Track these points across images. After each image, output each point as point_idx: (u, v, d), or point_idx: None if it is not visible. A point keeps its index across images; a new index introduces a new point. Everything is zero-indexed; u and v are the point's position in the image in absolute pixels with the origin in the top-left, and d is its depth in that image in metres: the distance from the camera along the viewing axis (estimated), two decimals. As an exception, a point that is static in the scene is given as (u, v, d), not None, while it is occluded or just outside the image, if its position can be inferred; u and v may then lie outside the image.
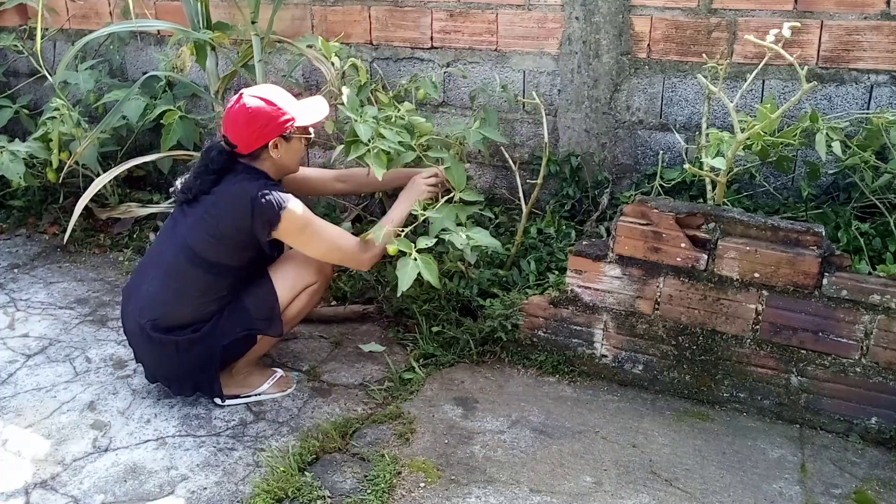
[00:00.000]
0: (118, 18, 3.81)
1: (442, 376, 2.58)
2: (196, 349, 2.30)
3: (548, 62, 2.98)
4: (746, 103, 2.70)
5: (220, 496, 2.05)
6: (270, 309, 2.35)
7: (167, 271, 2.30)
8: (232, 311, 2.32)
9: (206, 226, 2.26)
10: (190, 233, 2.28)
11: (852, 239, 2.41)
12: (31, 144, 3.40)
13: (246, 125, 2.23)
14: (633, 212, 2.38)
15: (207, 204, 2.27)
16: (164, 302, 2.29)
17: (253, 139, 2.25)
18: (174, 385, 2.41)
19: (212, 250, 2.26)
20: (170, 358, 2.31)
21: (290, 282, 2.39)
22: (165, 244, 2.36)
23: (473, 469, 2.11)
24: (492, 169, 3.21)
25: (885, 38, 2.49)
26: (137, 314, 2.31)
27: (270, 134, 2.25)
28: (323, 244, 2.34)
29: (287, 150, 2.32)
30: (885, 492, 2.04)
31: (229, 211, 2.24)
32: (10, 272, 3.44)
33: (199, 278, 2.28)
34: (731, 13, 2.65)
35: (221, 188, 2.28)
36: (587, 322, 2.52)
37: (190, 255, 2.27)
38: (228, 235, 2.25)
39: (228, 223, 2.24)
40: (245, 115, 2.22)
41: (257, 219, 2.22)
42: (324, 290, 2.54)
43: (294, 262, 2.43)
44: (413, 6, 3.14)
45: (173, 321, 2.28)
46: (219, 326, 2.31)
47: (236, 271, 2.32)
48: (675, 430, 2.29)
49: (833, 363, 2.24)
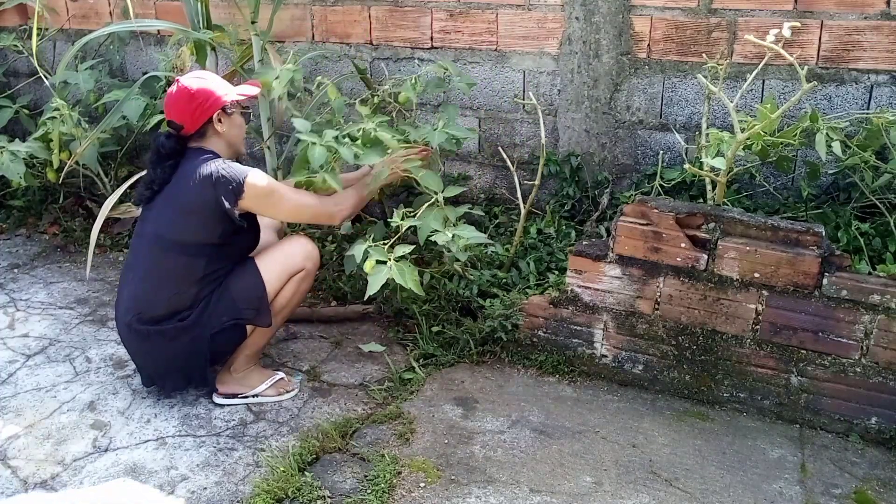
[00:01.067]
0: (118, 18, 3.82)
1: (442, 376, 2.58)
2: (183, 338, 2.29)
3: (548, 62, 2.98)
4: (746, 103, 2.70)
5: (220, 496, 2.05)
6: (258, 298, 2.34)
7: (144, 268, 2.33)
8: (218, 299, 2.32)
9: (171, 209, 2.30)
10: (157, 222, 2.32)
11: (852, 239, 2.41)
12: (31, 144, 3.40)
13: (188, 103, 2.32)
14: (633, 212, 2.39)
15: (169, 192, 2.32)
16: (144, 294, 2.31)
17: (197, 115, 2.33)
18: (167, 380, 2.41)
19: (180, 230, 2.28)
20: (158, 350, 2.32)
21: (277, 270, 2.38)
22: (138, 246, 2.39)
23: (473, 469, 2.11)
24: (492, 169, 3.21)
25: (885, 38, 2.49)
26: (123, 315, 2.34)
27: (213, 107, 2.34)
28: (291, 203, 2.40)
29: (230, 124, 2.40)
30: (885, 492, 2.04)
31: (192, 190, 2.26)
32: (10, 272, 3.44)
33: (172, 261, 2.29)
34: (731, 13, 2.65)
35: (179, 173, 2.32)
36: (587, 322, 2.52)
37: (160, 243, 2.30)
38: (195, 212, 2.27)
39: (193, 199, 2.26)
40: (187, 95, 2.32)
41: (221, 192, 2.25)
42: (312, 277, 2.50)
43: (280, 249, 2.44)
44: (413, 6, 3.14)
45: (157, 311, 2.29)
46: (205, 315, 2.30)
47: (210, 249, 2.30)
48: (675, 430, 2.29)
49: (833, 363, 2.24)
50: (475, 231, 2.44)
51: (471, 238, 2.42)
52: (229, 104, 2.38)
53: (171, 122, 2.35)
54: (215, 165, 2.28)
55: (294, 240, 2.50)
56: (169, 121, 2.36)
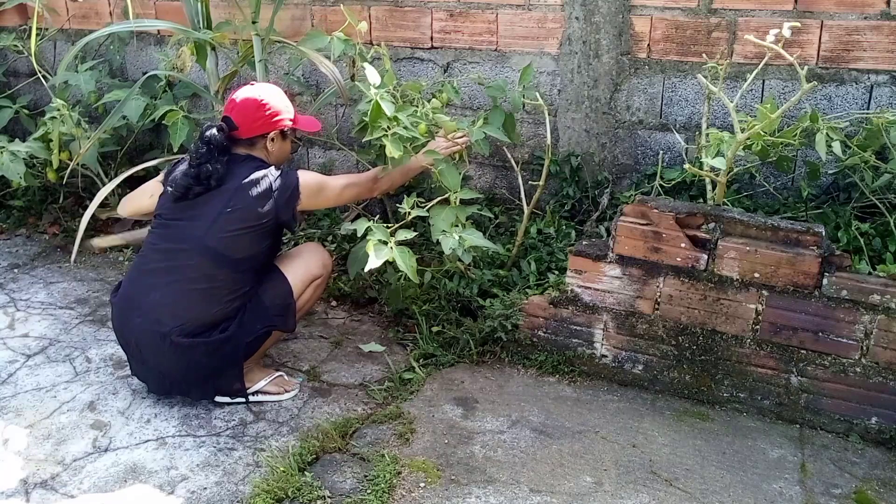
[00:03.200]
0: (118, 18, 3.82)
1: (442, 376, 2.58)
2: (225, 349, 2.30)
3: (548, 62, 2.98)
4: (746, 103, 2.70)
5: (220, 496, 2.05)
6: (287, 304, 2.40)
7: (190, 280, 2.27)
8: (252, 308, 2.34)
9: (228, 223, 2.27)
10: (209, 235, 2.27)
11: (852, 239, 2.41)
12: (31, 144, 3.40)
13: (255, 110, 2.35)
14: (633, 212, 2.39)
15: (221, 201, 2.28)
16: (189, 307, 2.26)
17: (258, 125, 2.36)
18: (196, 390, 2.38)
19: (236, 246, 2.28)
20: (198, 362, 2.28)
21: (301, 276, 2.45)
22: (176, 255, 2.30)
23: (473, 469, 2.11)
24: (492, 169, 3.21)
25: (885, 38, 2.49)
26: (156, 325, 2.25)
27: (274, 125, 2.39)
28: (337, 191, 2.48)
29: (280, 147, 2.46)
30: (885, 492, 2.04)
31: (251, 201, 2.28)
32: (10, 272, 3.44)
33: (226, 278, 2.29)
34: (731, 13, 2.65)
35: (232, 182, 2.30)
36: (587, 322, 2.52)
37: (214, 257, 2.26)
38: (254, 226, 2.29)
39: (253, 210, 2.28)
40: (257, 102, 2.36)
41: (280, 203, 2.31)
42: (325, 285, 2.60)
43: (301, 257, 2.50)
44: (413, 6, 3.14)
45: (202, 324, 2.27)
46: (243, 324, 2.32)
47: (255, 262, 2.35)
48: (675, 430, 2.29)
49: (833, 363, 2.24)
50: (483, 238, 2.46)
51: (479, 244, 2.43)
52: (289, 130, 2.46)
53: (227, 118, 2.35)
54: (270, 177, 2.32)
55: (311, 248, 2.57)
56: (225, 116, 2.36)
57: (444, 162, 2.53)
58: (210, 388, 2.39)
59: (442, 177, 2.51)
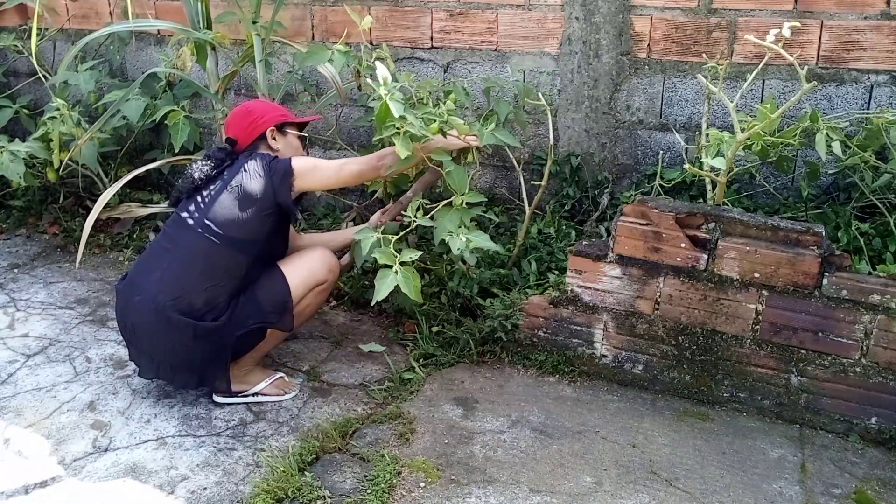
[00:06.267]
0: (118, 18, 3.82)
1: (442, 376, 2.58)
2: (212, 339, 2.30)
3: (548, 62, 2.98)
4: (746, 103, 2.70)
5: (220, 496, 2.05)
6: (283, 302, 2.38)
7: (189, 255, 2.32)
8: (246, 302, 2.35)
9: (228, 199, 2.33)
10: (209, 213, 2.33)
11: (852, 239, 2.42)
12: (31, 144, 3.40)
13: (244, 117, 2.48)
14: (633, 212, 2.39)
15: (222, 183, 2.37)
16: (182, 278, 2.29)
17: (250, 130, 2.46)
18: (179, 376, 2.38)
19: (234, 223, 2.31)
20: (183, 343, 2.29)
21: (303, 278, 2.43)
22: (178, 235, 2.37)
23: (473, 469, 2.11)
24: (492, 169, 3.21)
25: (885, 38, 2.49)
26: (153, 299, 2.27)
27: (266, 123, 2.46)
28: (334, 169, 2.45)
29: (286, 143, 2.51)
30: (885, 492, 2.04)
31: (249, 176, 2.35)
32: (10, 272, 3.44)
33: (223, 256, 2.31)
34: (731, 13, 2.65)
35: (233, 168, 2.40)
36: (587, 322, 2.52)
37: (214, 234, 2.31)
38: (253, 200, 2.33)
39: (251, 186, 2.34)
40: (243, 111, 2.50)
41: (276, 182, 2.35)
42: (331, 289, 2.58)
43: (305, 259, 2.48)
44: (413, 6, 3.14)
45: (194, 299, 2.28)
46: (234, 317, 2.32)
47: (254, 248, 2.35)
48: (675, 430, 2.29)
49: (833, 363, 2.24)
50: (489, 240, 2.44)
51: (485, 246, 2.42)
52: (287, 125, 2.51)
53: (228, 138, 2.49)
54: (267, 159, 2.40)
55: (318, 251, 2.55)
56: (227, 138, 2.50)
57: (453, 163, 2.52)
58: (194, 377, 2.38)
59: (450, 178, 2.50)
